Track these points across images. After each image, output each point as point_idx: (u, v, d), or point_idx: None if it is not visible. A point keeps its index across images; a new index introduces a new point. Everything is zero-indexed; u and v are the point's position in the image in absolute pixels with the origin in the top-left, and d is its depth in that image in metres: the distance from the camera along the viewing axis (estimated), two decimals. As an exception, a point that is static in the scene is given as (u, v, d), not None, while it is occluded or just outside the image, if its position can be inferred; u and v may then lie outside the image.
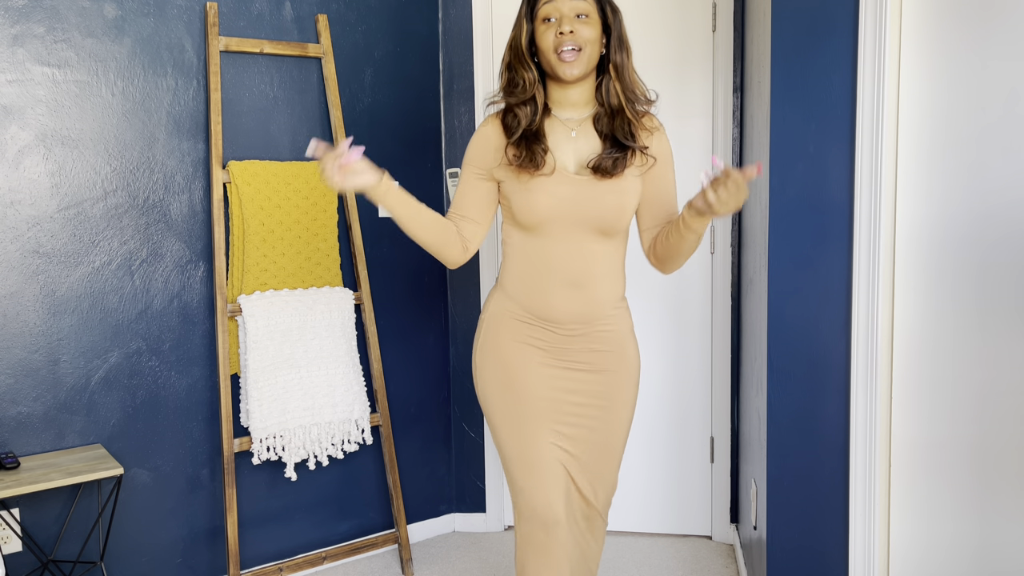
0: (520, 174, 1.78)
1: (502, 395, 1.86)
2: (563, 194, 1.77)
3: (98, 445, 2.39)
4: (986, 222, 1.73)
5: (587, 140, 1.82)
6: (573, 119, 1.83)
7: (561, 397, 1.86)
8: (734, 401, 2.93)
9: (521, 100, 1.79)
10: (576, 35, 1.72)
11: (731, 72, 2.82)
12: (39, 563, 2.32)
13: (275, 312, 2.55)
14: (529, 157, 1.76)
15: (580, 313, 1.83)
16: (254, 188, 2.55)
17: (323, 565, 2.79)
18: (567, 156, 1.81)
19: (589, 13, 1.75)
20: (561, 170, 1.79)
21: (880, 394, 1.83)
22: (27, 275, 2.30)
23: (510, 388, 1.85)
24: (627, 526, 3.04)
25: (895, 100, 1.79)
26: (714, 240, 2.90)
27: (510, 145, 1.79)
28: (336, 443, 2.67)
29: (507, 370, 1.86)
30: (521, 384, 1.85)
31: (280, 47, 2.64)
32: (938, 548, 1.83)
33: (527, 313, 1.85)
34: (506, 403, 1.85)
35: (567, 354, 1.86)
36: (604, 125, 1.81)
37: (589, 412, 1.88)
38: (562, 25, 1.72)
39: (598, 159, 1.77)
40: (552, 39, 1.74)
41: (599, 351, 1.87)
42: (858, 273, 1.84)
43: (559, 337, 1.85)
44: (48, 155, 2.31)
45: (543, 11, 1.74)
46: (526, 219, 1.80)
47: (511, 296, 1.87)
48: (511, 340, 1.86)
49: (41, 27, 2.28)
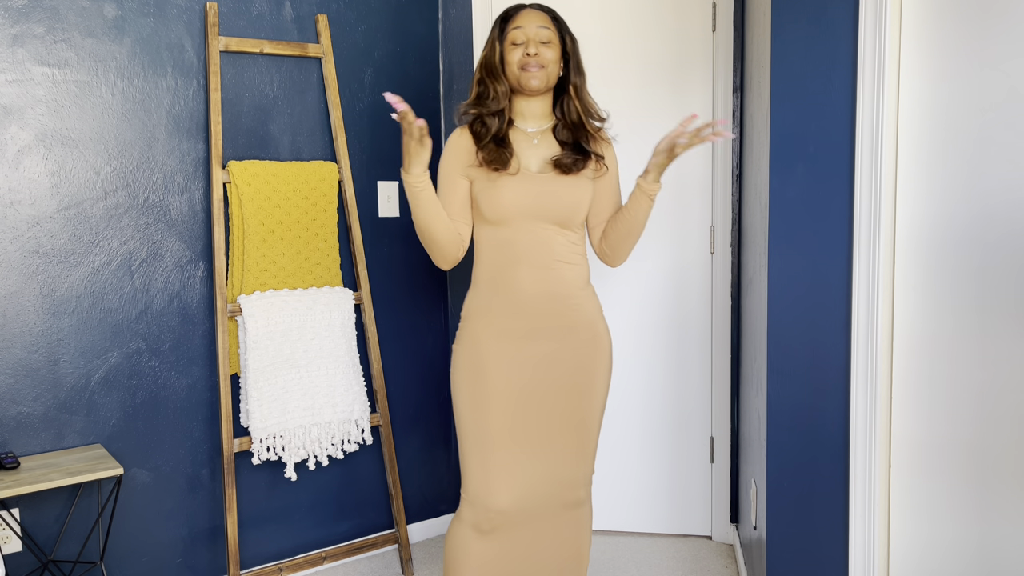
0: (489, 173, 2.00)
1: (472, 383, 2.01)
2: (527, 190, 1.99)
3: (98, 445, 2.39)
4: (986, 222, 1.73)
5: (548, 147, 2.07)
6: (534, 130, 2.07)
7: (535, 384, 2.00)
8: (734, 401, 2.93)
9: (492, 110, 2.02)
10: (540, 56, 2.00)
11: (731, 72, 2.82)
12: (39, 563, 2.32)
13: (275, 312, 2.55)
14: (497, 157, 1.98)
15: (547, 291, 2.01)
16: (254, 188, 2.55)
17: (323, 565, 2.79)
18: (530, 159, 2.04)
19: (552, 40, 2.02)
20: (525, 170, 2.02)
21: (880, 394, 1.83)
22: (27, 275, 2.30)
23: (480, 377, 2.00)
24: (627, 526, 3.04)
25: (895, 100, 1.79)
26: (714, 240, 2.90)
27: (480, 149, 2.01)
28: (336, 443, 2.67)
29: (480, 360, 2.00)
30: (492, 375, 1.99)
31: (280, 47, 2.64)
32: (938, 548, 1.83)
33: (500, 300, 2.01)
34: (474, 392, 2.00)
35: (541, 333, 2.01)
36: (565, 135, 2.06)
37: (566, 388, 2.03)
38: (528, 47, 1.99)
39: (560, 156, 2.03)
40: (519, 57, 2.01)
41: (570, 327, 2.03)
42: (858, 273, 1.83)
43: (531, 315, 2.00)
44: (48, 155, 2.31)
45: (513, 36, 2.01)
46: (494, 213, 2.00)
47: (484, 289, 2.04)
48: (487, 332, 2.01)
49: (41, 27, 2.28)
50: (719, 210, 2.88)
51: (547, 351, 2.01)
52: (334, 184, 2.71)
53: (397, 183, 2.94)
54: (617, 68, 2.87)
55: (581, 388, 2.04)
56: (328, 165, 2.71)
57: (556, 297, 2.01)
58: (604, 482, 3.03)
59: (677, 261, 2.93)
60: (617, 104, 2.89)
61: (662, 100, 2.87)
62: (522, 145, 2.05)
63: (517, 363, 2.00)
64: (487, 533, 1.99)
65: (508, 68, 2.02)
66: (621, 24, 2.86)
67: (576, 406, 2.04)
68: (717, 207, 2.88)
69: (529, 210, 1.99)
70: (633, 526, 3.04)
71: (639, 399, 2.98)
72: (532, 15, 2.03)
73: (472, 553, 1.99)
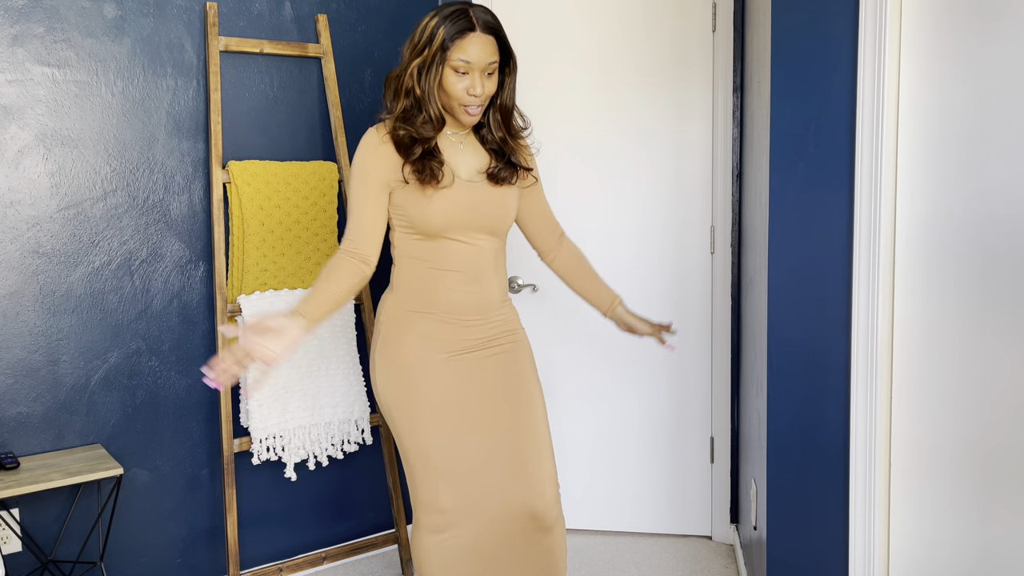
0: (423, 188, 1.88)
1: (404, 398, 1.95)
2: (462, 201, 1.91)
3: (98, 445, 2.39)
4: (986, 222, 1.73)
5: (473, 151, 1.98)
6: (458, 133, 1.98)
7: (468, 392, 1.97)
8: (734, 401, 2.93)
9: (422, 136, 1.88)
10: (484, 93, 1.87)
11: (731, 72, 2.82)
12: (39, 563, 2.32)
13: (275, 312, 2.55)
14: (430, 173, 1.86)
15: (475, 304, 1.97)
16: (254, 188, 2.55)
17: (323, 565, 2.79)
18: (458, 166, 1.95)
19: (495, 62, 1.87)
20: (457, 180, 1.92)
21: (880, 394, 1.83)
22: (27, 275, 2.29)
23: (411, 391, 1.94)
24: (627, 526, 3.04)
25: (895, 100, 1.79)
26: (714, 240, 2.90)
27: (408, 163, 1.88)
28: (336, 443, 2.67)
29: (410, 373, 1.95)
30: (423, 389, 1.94)
31: (280, 47, 2.64)
32: (939, 548, 1.83)
33: (425, 309, 1.96)
34: (408, 407, 1.94)
35: (466, 342, 1.98)
36: (493, 143, 1.98)
37: (502, 396, 1.99)
38: (474, 86, 1.84)
39: (494, 168, 1.96)
40: (462, 91, 1.85)
41: (495, 334, 2.01)
42: (858, 273, 1.83)
43: (456, 328, 1.96)
44: (48, 155, 2.31)
45: (457, 63, 1.83)
46: (429, 227, 1.91)
47: (407, 297, 1.97)
48: (413, 343, 1.95)
49: (41, 27, 2.28)
50: (719, 210, 2.88)
51: (476, 361, 1.98)
52: (334, 184, 2.71)
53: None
54: (617, 68, 2.87)
55: (514, 393, 2.01)
56: (328, 165, 2.71)
57: (481, 310, 1.98)
58: (604, 482, 3.03)
59: (677, 261, 2.93)
60: (617, 104, 2.89)
61: (662, 100, 2.87)
62: (449, 151, 1.95)
63: (447, 375, 1.95)
64: (442, 531, 1.94)
65: (446, 94, 1.87)
66: (621, 24, 2.86)
67: (514, 412, 1.99)
68: (717, 207, 2.88)
69: (463, 221, 1.92)
70: (633, 526, 3.04)
71: (639, 399, 2.98)
72: (481, 45, 1.83)
73: (434, 555, 1.95)
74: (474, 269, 1.96)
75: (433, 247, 1.94)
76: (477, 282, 1.96)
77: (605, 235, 2.93)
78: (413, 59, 1.86)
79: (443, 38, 1.81)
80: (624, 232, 2.93)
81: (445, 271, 1.94)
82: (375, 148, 1.91)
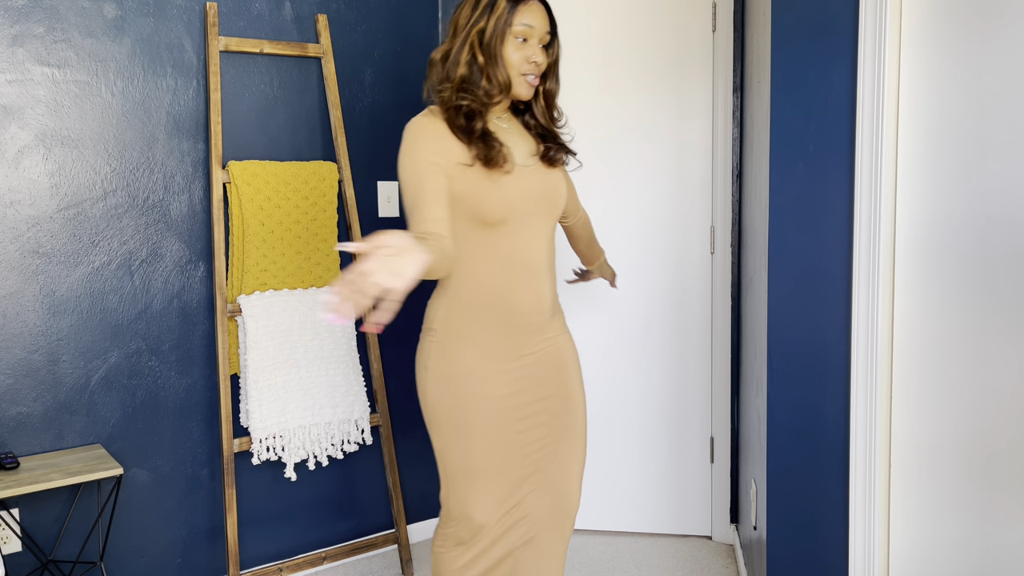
0: (483, 171, 1.74)
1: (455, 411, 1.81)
2: (528, 184, 1.80)
3: (98, 445, 2.39)
4: (986, 222, 1.73)
5: (520, 135, 1.87)
6: (502, 117, 1.86)
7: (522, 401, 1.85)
8: (734, 401, 2.93)
9: (483, 103, 1.77)
10: (541, 64, 1.80)
11: (731, 72, 2.82)
12: (39, 563, 2.32)
13: (275, 312, 2.55)
14: (495, 155, 1.73)
15: (538, 304, 1.84)
16: (254, 188, 2.55)
17: (323, 565, 2.79)
18: (512, 151, 1.81)
19: (549, 32, 1.81)
20: (516, 164, 1.80)
21: (880, 394, 1.83)
22: (27, 275, 2.29)
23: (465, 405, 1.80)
24: (627, 526, 3.04)
25: (895, 100, 1.79)
26: (714, 240, 2.90)
27: (471, 146, 1.74)
28: (336, 443, 2.67)
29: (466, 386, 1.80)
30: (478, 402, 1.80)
31: (280, 47, 2.64)
32: (938, 548, 1.83)
33: (493, 316, 1.81)
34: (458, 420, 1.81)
35: (526, 346, 1.84)
36: (537, 127, 1.89)
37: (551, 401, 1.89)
38: (535, 54, 1.78)
39: (548, 150, 1.86)
40: (522, 60, 1.77)
41: (551, 335, 1.90)
42: (858, 273, 1.83)
43: (517, 332, 1.83)
44: (48, 155, 2.31)
45: (520, 29, 1.76)
46: (496, 214, 1.75)
47: (471, 303, 1.81)
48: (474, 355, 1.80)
49: (41, 27, 2.28)
50: (719, 210, 2.88)
51: (532, 366, 1.86)
52: (334, 184, 2.71)
53: (397, 184, 2.94)
54: (617, 68, 2.87)
55: (564, 398, 1.92)
56: (328, 165, 2.71)
57: (542, 310, 1.86)
58: (604, 482, 3.03)
59: (677, 261, 2.93)
60: (617, 104, 2.89)
61: (662, 100, 2.87)
62: (500, 135, 1.82)
63: (504, 389, 1.82)
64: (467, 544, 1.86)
65: (504, 63, 1.77)
66: (621, 24, 2.86)
67: (562, 418, 1.91)
68: (717, 207, 2.88)
69: (531, 207, 1.80)
70: (633, 526, 3.04)
71: (639, 399, 2.98)
72: (540, 12, 1.79)
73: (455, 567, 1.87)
74: (537, 261, 1.83)
75: (497, 238, 1.78)
76: (537, 276, 1.83)
77: (606, 234, 2.93)
78: (473, 28, 1.77)
79: (506, 3, 1.76)
80: (625, 230, 2.93)
81: (512, 265, 1.80)
82: (429, 129, 1.75)
